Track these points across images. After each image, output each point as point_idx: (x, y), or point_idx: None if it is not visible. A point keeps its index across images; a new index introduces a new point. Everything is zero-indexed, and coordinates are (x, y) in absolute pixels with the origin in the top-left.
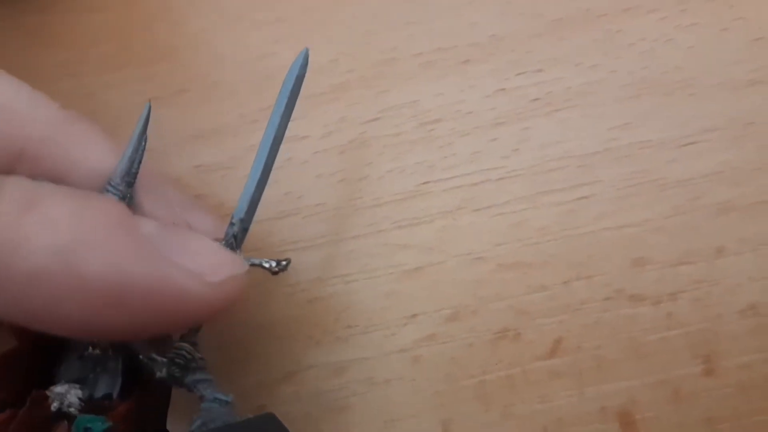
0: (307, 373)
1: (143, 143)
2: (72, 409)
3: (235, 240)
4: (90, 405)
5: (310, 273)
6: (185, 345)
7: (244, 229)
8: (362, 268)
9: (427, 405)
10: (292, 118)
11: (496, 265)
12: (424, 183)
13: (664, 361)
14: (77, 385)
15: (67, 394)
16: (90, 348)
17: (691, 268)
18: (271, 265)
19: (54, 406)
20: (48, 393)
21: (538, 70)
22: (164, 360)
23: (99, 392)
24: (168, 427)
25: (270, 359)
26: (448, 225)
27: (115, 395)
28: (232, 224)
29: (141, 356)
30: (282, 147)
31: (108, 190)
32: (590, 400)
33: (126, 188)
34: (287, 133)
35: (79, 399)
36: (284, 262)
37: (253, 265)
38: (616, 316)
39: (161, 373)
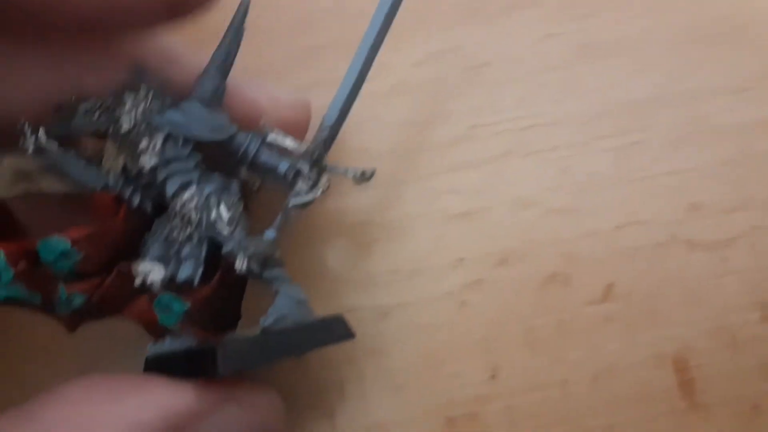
0: (351, 315)
1: (240, 36)
2: (154, 287)
3: (324, 145)
4: (171, 285)
5: (355, 216)
6: (267, 240)
7: (333, 135)
8: (408, 212)
9: (474, 350)
10: (345, 60)
11: (545, 209)
12: (471, 127)
13: (719, 308)
14: (161, 264)
15: (150, 272)
16: (176, 231)
17: (747, 215)
18: (354, 174)
19: (137, 281)
20: (134, 268)
21: (587, 16)
22: (246, 253)
23: (182, 275)
24: None
25: (314, 301)
26: (497, 169)
27: (196, 280)
28: (322, 129)
29: (225, 247)
30: (329, 89)
31: (207, 72)
32: (643, 346)
33: (221, 79)
34: (333, 75)
35: (161, 278)
36: (368, 172)
37: (337, 173)
38: (669, 262)
39: (242, 265)
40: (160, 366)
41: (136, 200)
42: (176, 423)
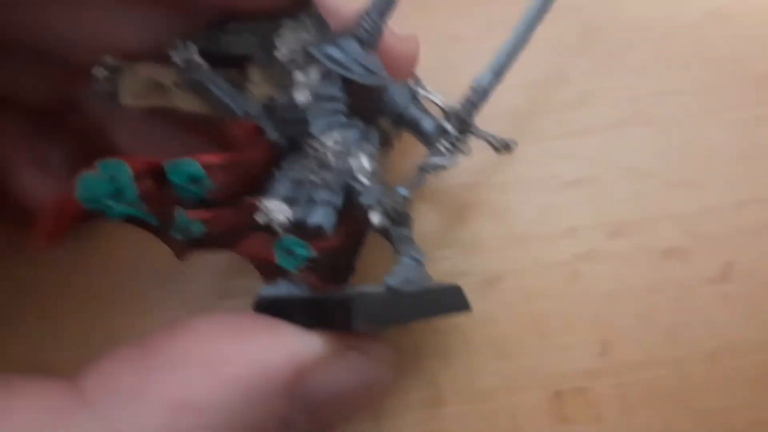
0: (458, 281)
1: None
2: (277, 226)
3: (474, 106)
4: (297, 229)
5: (463, 178)
6: (401, 197)
7: (483, 98)
8: (520, 176)
9: (585, 323)
10: (456, 17)
11: (663, 181)
12: (586, 92)
13: None
14: (288, 205)
15: (276, 211)
16: (310, 174)
17: None
18: (498, 142)
19: (261, 219)
20: (258, 204)
21: None
22: (383, 208)
23: (312, 220)
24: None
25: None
26: (612, 137)
27: (328, 229)
28: (474, 90)
29: (363, 198)
30: (440, 47)
31: (362, 19)
32: (762, 327)
33: (381, 21)
34: (439, 31)
35: (288, 219)
36: (511, 144)
37: (481, 138)
38: None
39: (378, 220)
40: (272, 309)
41: (274, 134)
42: (302, 368)
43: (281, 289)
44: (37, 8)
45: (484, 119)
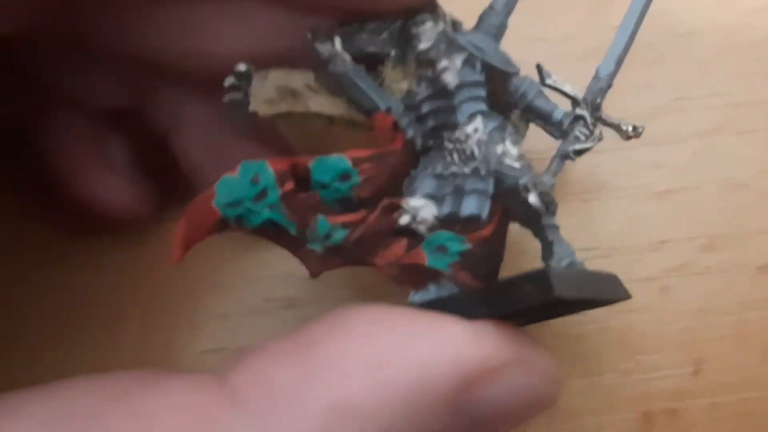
0: None
1: None
2: (422, 227)
3: (601, 93)
4: (446, 224)
5: None
6: (549, 184)
7: (609, 85)
8: (604, 186)
9: (676, 341)
10: (536, 18)
11: (758, 193)
12: (678, 99)
13: None
14: (433, 202)
15: (422, 209)
16: (453, 167)
17: None
18: (627, 129)
19: (404, 219)
20: (403, 204)
21: None
22: (540, 188)
23: (466, 210)
24: None
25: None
26: (705, 146)
27: (484, 215)
28: (598, 78)
29: (521, 179)
30: (515, 50)
31: (488, 14)
32: None
33: (505, 16)
34: (520, 34)
35: (434, 216)
36: (640, 129)
37: (609, 124)
38: None
39: (536, 200)
40: (433, 308)
41: (411, 132)
42: (469, 377)
43: (433, 293)
44: (158, 24)
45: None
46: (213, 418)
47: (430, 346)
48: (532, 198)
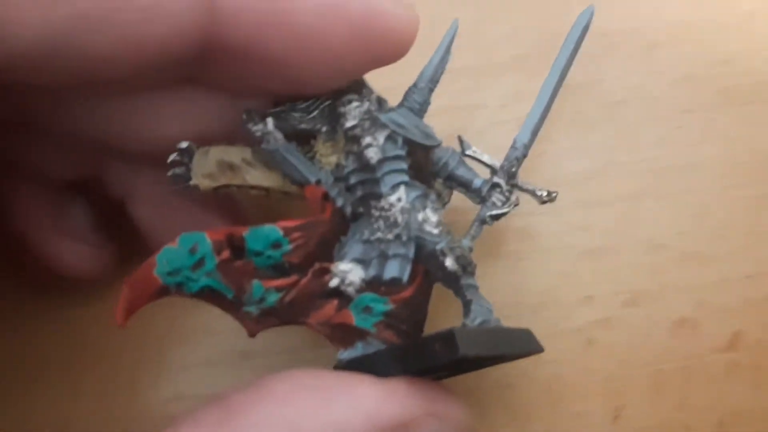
0: None
1: (447, 57)
2: (350, 288)
3: (517, 162)
4: (372, 286)
5: (479, 247)
6: (467, 247)
7: (524, 154)
8: (537, 245)
9: (599, 389)
10: (477, 86)
11: (678, 253)
12: (607, 163)
13: None
14: (360, 266)
15: (349, 273)
16: (378, 233)
17: None
18: (542, 194)
19: (333, 282)
20: (332, 268)
21: (726, 62)
22: (455, 253)
23: (388, 273)
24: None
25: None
26: (629, 209)
27: (405, 278)
28: (515, 148)
29: (438, 245)
30: (458, 115)
31: (412, 92)
32: None
33: (428, 94)
34: (463, 101)
35: (361, 279)
36: (554, 194)
37: (525, 190)
38: None
39: (452, 264)
40: (355, 366)
41: (340, 201)
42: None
43: (359, 350)
44: (98, 108)
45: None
46: None
47: (345, 407)
48: (449, 262)
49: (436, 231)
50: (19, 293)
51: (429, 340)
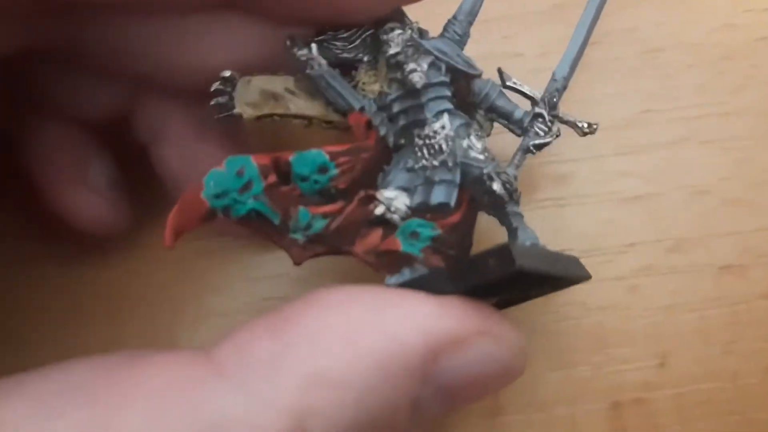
0: None
1: None
2: (396, 216)
3: (558, 93)
4: (417, 213)
5: (525, 193)
6: (512, 174)
7: (564, 86)
8: (578, 193)
9: (644, 335)
10: (516, 34)
11: (720, 199)
12: (645, 111)
13: None
14: (406, 193)
15: (395, 200)
16: (423, 161)
17: None
18: (582, 125)
19: (379, 210)
20: (378, 195)
21: (765, 9)
22: (502, 178)
23: (435, 199)
24: None
25: None
26: (671, 155)
27: (452, 203)
28: (554, 80)
29: (485, 169)
30: (496, 63)
31: (451, 23)
32: None
33: (467, 26)
34: (502, 49)
35: (406, 206)
36: (595, 126)
37: (566, 122)
38: None
39: (499, 188)
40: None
41: (383, 130)
42: (435, 347)
43: (406, 275)
44: (142, 36)
45: None
46: (197, 386)
47: (399, 318)
48: (496, 186)
49: (481, 157)
50: (58, 238)
51: (482, 256)
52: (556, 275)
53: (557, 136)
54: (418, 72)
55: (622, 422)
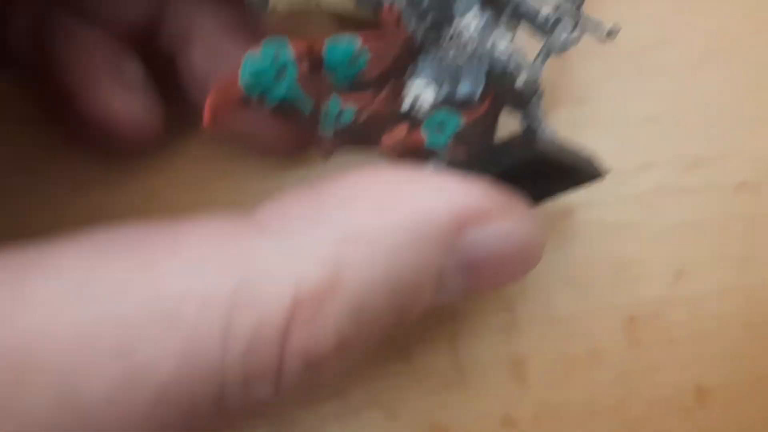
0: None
1: None
2: (424, 106)
3: None
4: (443, 104)
5: None
6: (537, 73)
7: None
8: (595, 114)
9: (659, 253)
10: None
11: (737, 118)
12: (662, 33)
13: None
14: (434, 84)
15: (424, 90)
16: (450, 54)
17: None
18: (603, 30)
19: (408, 101)
20: (406, 86)
21: None
22: (527, 72)
23: (462, 90)
24: None
25: None
26: (689, 76)
27: (478, 94)
28: None
29: (508, 65)
30: None
31: None
32: None
33: None
34: None
35: (434, 98)
36: (615, 30)
37: (589, 24)
38: None
39: (522, 82)
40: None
41: (413, 24)
42: (462, 219)
43: (432, 167)
44: None
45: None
46: (239, 240)
47: (428, 191)
48: (519, 82)
49: (507, 53)
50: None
51: (507, 142)
52: (575, 165)
53: (584, 32)
54: None
55: (637, 335)
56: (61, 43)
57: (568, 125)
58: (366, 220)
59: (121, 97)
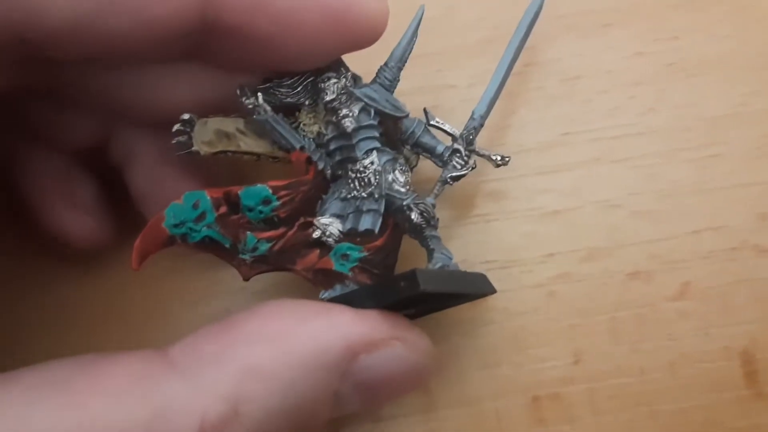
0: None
1: (414, 39)
2: (330, 239)
3: (475, 131)
4: (348, 237)
5: (452, 210)
6: (430, 203)
7: (481, 124)
8: (503, 208)
9: (560, 336)
10: (448, 68)
11: (630, 212)
12: (564, 134)
13: None
14: (339, 220)
15: (330, 226)
16: (354, 192)
17: None
18: (496, 158)
19: (316, 234)
20: (315, 222)
21: (673, 38)
22: (420, 209)
23: (363, 226)
24: None
25: None
26: (586, 173)
27: (377, 229)
28: (473, 119)
29: (405, 201)
30: (431, 94)
31: (383, 70)
32: (714, 339)
33: (397, 72)
34: (436, 82)
35: (339, 231)
36: (507, 158)
37: (481, 155)
38: (740, 264)
39: (417, 217)
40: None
41: (321, 164)
42: (354, 347)
43: (338, 291)
44: (108, 78)
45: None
46: (151, 378)
47: (322, 325)
48: (414, 215)
49: (403, 190)
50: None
51: (395, 278)
52: (460, 293)
53: (473, 168)
54: (349, 117)
55: (541, 414)
56: (20, 167)
57: (479, 219)
58: (265, 355)
59: (72, 217)
